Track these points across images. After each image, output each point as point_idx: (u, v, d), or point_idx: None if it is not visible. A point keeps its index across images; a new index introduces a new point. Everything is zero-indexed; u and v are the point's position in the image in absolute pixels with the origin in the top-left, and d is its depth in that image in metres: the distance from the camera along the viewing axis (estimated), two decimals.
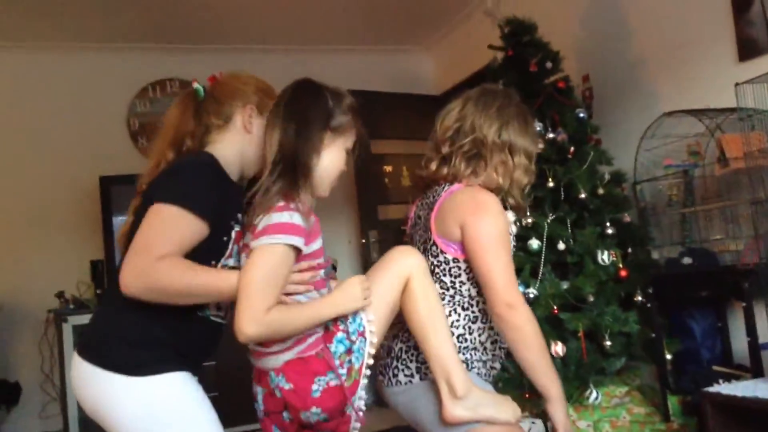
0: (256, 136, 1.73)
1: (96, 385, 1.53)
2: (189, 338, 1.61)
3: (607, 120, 3.84)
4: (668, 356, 3.13)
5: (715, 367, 2.98)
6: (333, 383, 1.61)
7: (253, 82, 1.79)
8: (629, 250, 3.37)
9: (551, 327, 3.16)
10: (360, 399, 1.67)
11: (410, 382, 1.85)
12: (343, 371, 1.62)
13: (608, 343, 3.11)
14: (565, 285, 3.21)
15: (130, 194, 4.98)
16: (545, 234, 3.19)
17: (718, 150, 3.01)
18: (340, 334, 1.64)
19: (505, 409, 1.74)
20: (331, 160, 1.69)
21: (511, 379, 3.03)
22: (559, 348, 3.00)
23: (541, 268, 3.18)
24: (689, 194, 3.32)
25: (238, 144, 1.74)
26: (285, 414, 1.65)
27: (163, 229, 1.49)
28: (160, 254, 1.46)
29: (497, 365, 1.96)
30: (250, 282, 1.49)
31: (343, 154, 1.73)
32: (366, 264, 5.21)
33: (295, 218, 1.55)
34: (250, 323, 1.47)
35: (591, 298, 3.16)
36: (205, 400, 1.59)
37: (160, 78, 5.23)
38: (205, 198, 1.55)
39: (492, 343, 1.91)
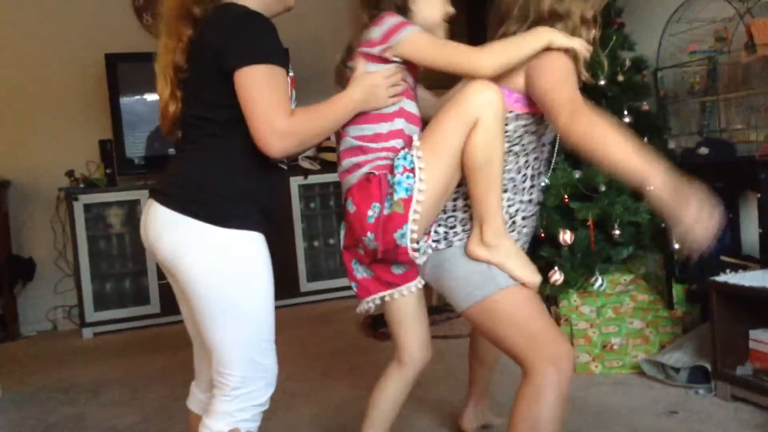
0: None
1: (179, 231, 1.56)
2: (270, 189, 1.67)
3: (633, 3, 3.67)
4: (676, 246, 3.13)
5: (724, 257, 2.99)
6: (385, 212, 1.69)
7: None
8: (645, 139, 3.30)
9: (561, 216, 3.15)
10: (408, 237, 1.69)
11: (437, 248, 1.83)
12: (385, 203, 1.69)
13: (617, 232, 3.11)
14: (577, 174, 3.18)
15: (137, 72, 4.94)
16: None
17: (746, 36, 2.89)
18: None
19: (526, 270, 1.73)
20: None
21: None
22: (567, 236, 3.00)
23: (554, 156, 3.13)
24: (712, 82, 3.22)
25: None
26: (359, 248, 1.78)
27: (268, 90, 1.52)
28: (287, 111, 1.53)
29: (523, 245, 1.93)
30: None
31: None
32: None
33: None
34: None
35: (602, 188, 3.13)
36: (271, 267, 1.64)
37: None
38: (279, 48, 1.57)
39: (522, 218, 1.88)
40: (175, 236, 1.56)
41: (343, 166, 1.83)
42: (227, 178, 1.59)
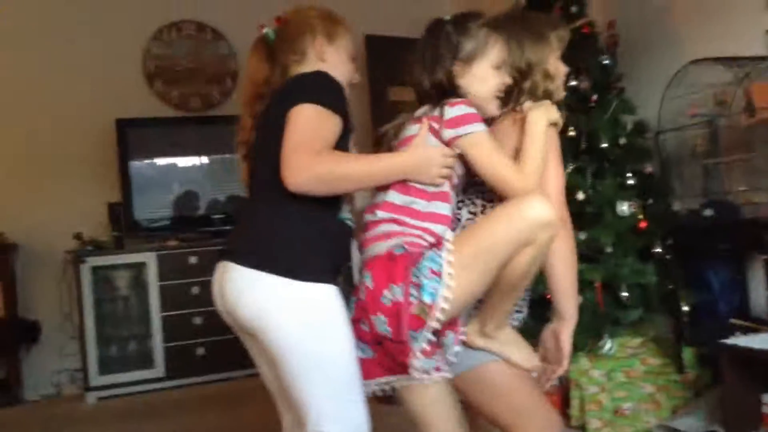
0: (331, 63, 1.79)
1: (261, 290, 1.57)
2: (340, 243, 1.69)
3: (632, 68, 3.74)
4: (685, 308, 3.12)
5: (733, 320, 2.96)
6: (400, 299, 1.56)
7: (315, 13, 1.84)
8: (650, 201, 3.32)
9: None
10: (422, 341, 1.56)
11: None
12: (413, 297, 1.56)
13: (625, 294, 3.10)
14: (582, 236, 3.18)
15: (147, 137, 5.04)
16: (566, 184, 3.14)
17: (745, 99, 2.94)
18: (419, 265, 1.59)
19: (524, 355, 1.73)
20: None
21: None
22: None
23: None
24: (713, 145, 3.25)
25: None
26: (363, 324, 1.64)
27: (311, 127, 1.55)
28: (317, 149, 1.53)
29: (524, 310, 1.92)
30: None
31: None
32: None
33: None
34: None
35: (609, 249, 3.13)
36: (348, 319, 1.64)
37: (176, 20, 5.15)
38: (338, 97, 1.62)
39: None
40: (257, 295, 1.57)
41: (371, 232, 1.69)
42: (301, 232, 1.61)
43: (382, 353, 1.63)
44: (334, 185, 1.58)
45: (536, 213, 1.53)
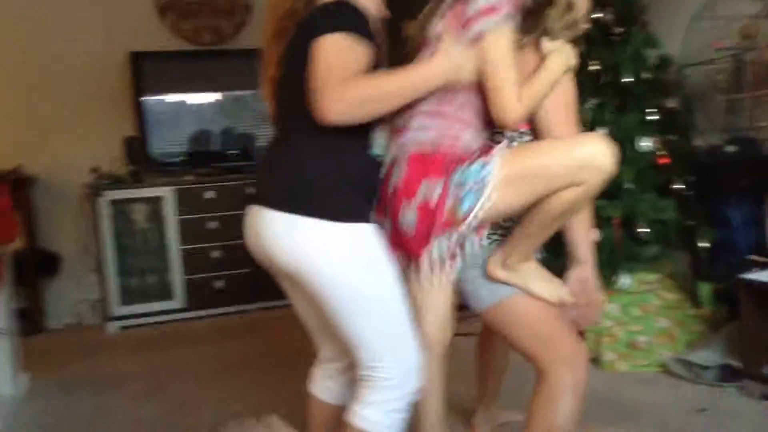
0: None
1: (298, 234, 1.53)
2: (373, 178, 1.64)
3: (656, 0, 3.65)
4: (704, 245, 3.12)
5: (751, 256, 2.97)
6: (434, 197, 1.55)
7: None
8: (671, 137, 3.29)
9: None
10: (444, 241, 1.58)
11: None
12: (452, 198, 1.56)
13: (643, 230, 3.10)
14: None
15: (160, 70, 4.98)
16: (586, 120, 3.12)
17: None
18: (464, 169, 1.56)
19: (551, 287, 1.72)
20: None
21: None
22: (592, 234, 2.99)
23: None
24: (737, 80, 3.20)
25: None
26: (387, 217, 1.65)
27: (338, 56, 1.49)
28: (346, 76, 1.46)
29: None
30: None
31: None
32: None
33: None
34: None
35: (628, 185, 3.12)
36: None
37: None
38: (364, 26, 1.54)
39: None
40: (296, 239, 1.54)
41: (405, 123, 1.67)
42: (334, 169, 1.57)
43: (396, 242, 1.65)
44: (370, 108, 1.50)
45: (597, 154, 1.49)
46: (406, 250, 1.64)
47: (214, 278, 4.65)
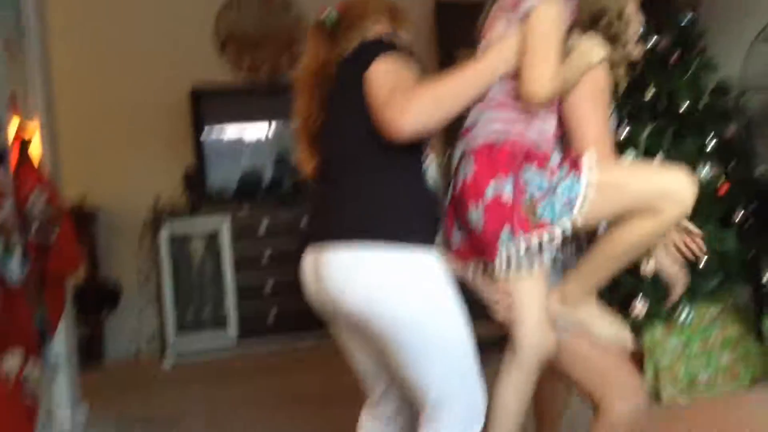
0: None
1: (369, 270, 1.49)
2: (434, 203, 1.63)
3: (716, 24, 3.55)
4: (767, 276, 2.99)
5: None
6: (506, 196, 1.54)
7: (381, 2, 1.77)
8: (731, 165, 3.18)
9: None
10: (514, 244, 1.55)
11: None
12: (528, 197, 1.54)
13: (704, 260, 2.99)
14: None
15: (219, 104, 5.11)
16: (642, 147, 3.04)
17: None
18: (546, 173, 1.56)
19: (611, 328, 1.68)
20: None
21: None
22: (650, 265, 2.90)
23: None
24: None
25: None
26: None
27: (393, 75, 1.51)
28: (408, 87, 1.48)
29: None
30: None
31: None
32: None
33: None
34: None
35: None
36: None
37: None
38: (403, 51, 1.58)
39: None
40: (366, 277, 1.49)
41: (472, 121, 1.66)
42: (397, 193, 1.55)
43: (468, 243, 1.65)
44: (440, 111, 1.49)
45: (679, 187, 1.49)
46: (477, 248, 1.62)
47: (268, 307, 4.67)
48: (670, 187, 1.49)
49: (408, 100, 1.45)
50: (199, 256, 4.77)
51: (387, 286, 1.49)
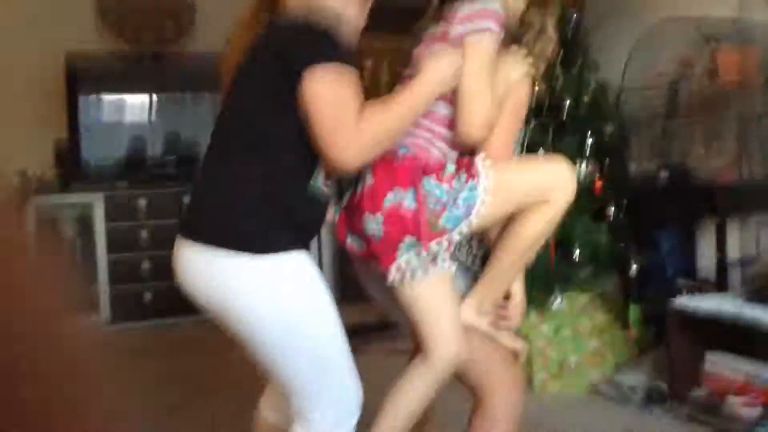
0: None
1: (219, 270, 1.43)
2: (310, 211, 1.54)
3: (599, 26, 3.70)
4: (634, 268, 3.16)
5: (681, 280, 3.02)
6: (406, 207, 1.53)
7: None
8: (607, 161, 3.33)
9: None
10: (413, 250, 1.54)
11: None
12: (429, 209, 1.53)
13: (577, 251, 3.12)
14: None
15: (97, 74, 4.79)
16: (524, 141, 3.13)
17: (711, 63, 2.94)
18: (444, 185, 1.55)
19: (514, 340, 1.74)
20: None
21: None
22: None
23: None
24: (674, 107, 3.27)
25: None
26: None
27: (334, 99, 1.43)
28: (353, 119, 1.42)
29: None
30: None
31: None
32: None
33: None
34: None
35: None
36: (325, 285, 1.53)
37: None
38: (342, 48, 1.47)
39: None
40: (216, 277, 1.44)
41: None
42: (266, 198, 1.46)
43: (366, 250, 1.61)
44: (386, 141, 1.48)
45: (561, 174, 1.59)
46: (374, 255, 1.59)
47: (144, 290, 4.49)
48: (554, 177, 1.59)
49: (358, 134, 1.41)
50: (70, 234, 4.51)
51: (236, 284, 1.43)
